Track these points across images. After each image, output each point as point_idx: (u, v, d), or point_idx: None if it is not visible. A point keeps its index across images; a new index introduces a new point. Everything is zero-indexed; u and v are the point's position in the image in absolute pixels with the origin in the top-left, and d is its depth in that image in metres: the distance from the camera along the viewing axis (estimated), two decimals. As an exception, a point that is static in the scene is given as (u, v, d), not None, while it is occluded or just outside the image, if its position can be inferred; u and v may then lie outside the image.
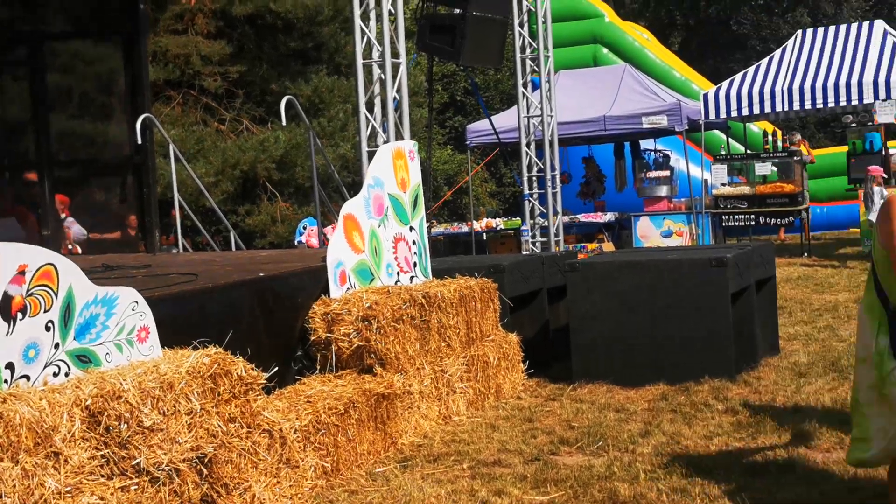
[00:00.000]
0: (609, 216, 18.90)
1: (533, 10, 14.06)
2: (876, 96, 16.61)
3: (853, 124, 18.05)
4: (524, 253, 13.88)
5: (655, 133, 19.34)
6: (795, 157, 18.02)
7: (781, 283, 12.52)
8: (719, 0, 38.56)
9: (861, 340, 4.72)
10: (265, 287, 6.89)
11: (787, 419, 6.99)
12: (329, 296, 7.23)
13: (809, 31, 18.83)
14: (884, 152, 17.34)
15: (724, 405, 7.48)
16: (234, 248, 13.99)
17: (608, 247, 17.74)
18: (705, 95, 18.43)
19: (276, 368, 6.12)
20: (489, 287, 8.32)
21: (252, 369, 5.37)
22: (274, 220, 18.93)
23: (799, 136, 19.87)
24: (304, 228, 16.28)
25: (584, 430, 7.07)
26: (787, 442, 6.46)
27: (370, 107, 9.99)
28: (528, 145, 14.24)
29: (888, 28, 18.04)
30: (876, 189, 15.01)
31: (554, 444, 6.82)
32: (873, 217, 14.52)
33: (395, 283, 8.03)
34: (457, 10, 11.49)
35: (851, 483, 5.59)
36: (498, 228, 19.58)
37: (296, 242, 16.66)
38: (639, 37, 24.38)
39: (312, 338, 7.00)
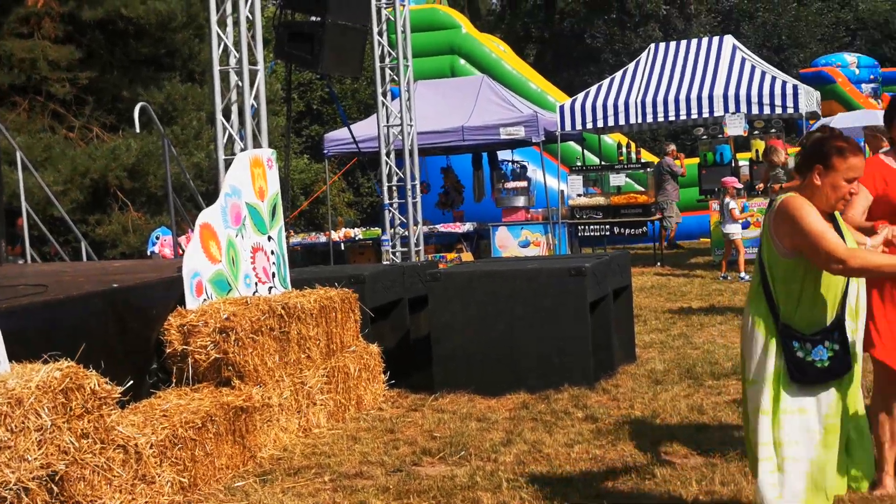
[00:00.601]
0: (468, 226, 18.98)
1: (392, 19, 14.03)
2: (726, 109, 17.08)
3: (704, 136, 18.55)
4: (385, 263, 13.82)
5: (513, 144, 19.53)
6: (648, 169, 18.39)
7: (636, 293, 12.74)
8: (573, 13, 39.26)
9: (750, 360, 4.42)
10: (118, 298, 6.67)
11: (646, 426, 7.09)
12: (185, 307, 7.04)
13: (662, 45, 19.28)
14: (734, 164, 17.84)
15: (583, 413, 7.54)
16: (85, 258, 13.56)
17: (467, 257, 17.80)
18: (561, 107, 18.68)
19: (131, 382, 5.91)
20: (350, 297, 8.23)
21: (106, 383, 5.17)
22: (126, 230, 18.40)
23: (673, 147, 20.30)
24: (157, 238, 15.88)
25: (446, 440, 7.04)
26: (646, 448, 6.54)
27: (227, 114, 9.79)
28: (387, 155, 14.20)
29: (737, 43, 18.59)
30: (728, 200, 15.38)
31: (416, 455, 6.76)
32: (730, 228, 14.87)
33: (254, 293, 7.87)
34: (315, 18, 11.35)
35: (709, 489, 5.67)
36: (356, 238, 19.48)
37: (149, 252, 16.25)
38: (495, 48, 24.60)
39: (168, 350, 6.81)
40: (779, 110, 16.99)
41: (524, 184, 18.66)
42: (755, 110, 17.11)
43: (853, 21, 44.80)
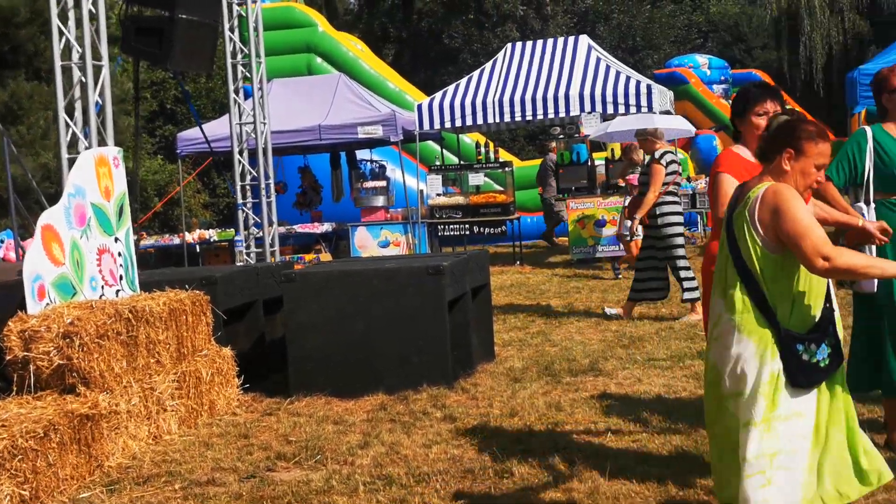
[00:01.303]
0: (326, 227, 18.78)
1: (244, 15, 13.74)
2: (582, 109, 17.23)
3: (561, 136, 18.70)
4: (238, 264, 13.52)
5: (371, 143, 19.40)
6: (507, 168, 18.47)
7: (496, 291, 12.75)
8: (431, 14, 39.32)
9: (735, 371, 4.08)
10: (-48, 304, 6.32)
11: (505, 424, 7.04)
12: (26, 312, 6.72)
13: (518, 45, 19.36)
14: (590, 163, 18.04)
15: (442, 413, 7.45)
16: (-78, 263, 12.93)
17: (325, 257, 17.61)
18: (419, 106, 18.62)
19: (-36, 392, 5.60)
20: (201, 300, 7.98)
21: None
22: (-31, 234, 17.66)
23: (554, 144, 20.40)
24: (2, 242, 15.27)
25: (301, 443, 6.87)
26: (504, 447, 6.48)
27: (70, 112, 9.42)
28: (241, 153, 13.90)
29: (592, 43, 18.79)
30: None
31: (270, 460, 6.59)
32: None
33: (100, 297, 7.57)
34: (164, 13, 11.02)
35: (566, 486, 5.64)
36: (212, 240, 19.08)
37: (-7, 257, 15.61)
38: (353, 47, 24.43)
39: (8, 357, 6.50)
40: (633, 109, 17.21)
41: (383, 183, 18.54)
42: (610, 110, 17.30)
43: (705, 23, 46.04)
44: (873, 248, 5.51)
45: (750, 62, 43.85)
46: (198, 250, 18.79)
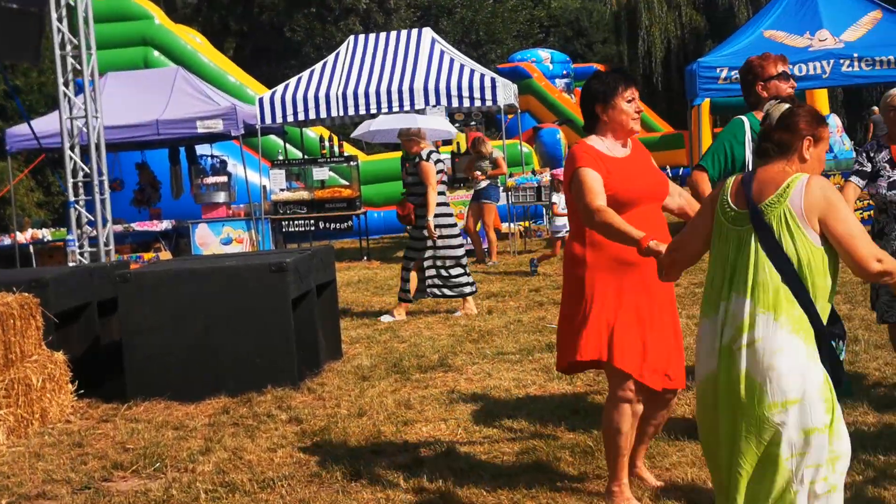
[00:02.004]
0: (166, 224, 18.22)
1: (73, 5, 13.16)
2: (426, 102, 17.12)
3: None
4: (71, 265, 12.96)
5: (211, 138, 18.89)
6: (352, 162, 18.24)
7: (343, 287, 12.52)
8: (272, 7, 38.75)
9: (790, 376, 3.67)
10: None
11: (353, 424, 6.84)
12: None
13: (361, 38, 19.12)
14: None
15: (287, 415, 7.21)
16: None
17: (165, 256, 17.08)
18: (261, 100, 18.22)
19: None
20: (30, 303, 7.54)
21: None
22: None
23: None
24: None
25: (139, 451, 6.54)
26: (353, 449, 6.29)
27: None
28: (72, 149, 13.32)
29: (436, 36, 18.69)
30: (554, 195, 15.05)
31: (107, 470, 6.25)
32: (558, 224, 14.57)
33: (-83, 302, 7.07)
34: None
35: (417, 487, 5.49)
36: (45, 240, 18.33)
37: None
38: (191, 40, 23.82)
39: None
40: (478, 103, 17.21)
41: (224, 179, 18.10)
42: (455, 103, 17.26)
43: (546, 18, 46.62)
44: None
45: (591, 56, 44.62)
46: (31, 251, 18.02)
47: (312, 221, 17.72)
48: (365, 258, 17.63)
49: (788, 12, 15.39)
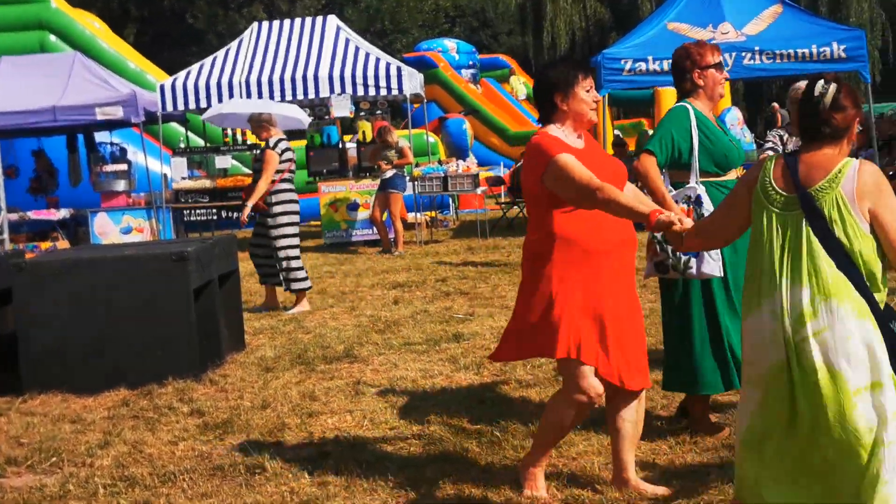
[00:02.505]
0: (63, 213, 17.77)
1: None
2: (332, 90, 16.95)
3: (311, 118, 18.33)
4: (-35, 254, 12.55)
5: (111, 125, 18.44)
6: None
7: (246, 277, 12.33)
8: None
9: (869, 360, 3.60)
10: None
11: (257, 416, 6.71)
12: None
13: (265, 24, 18.85)
14: (341, 145, 17.77)
15: (189, 407, 7.05)
16: None
17: (63, 245, 16.66)
18: (162, 86, 17.86)
19: None
20: (-82, 293, 7.27)
21: None
22: None
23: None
24: None
25: (35, 446, 6.34)
26: (256, 441, 6.16)
27: None
28: (-34, 136, 12.92)
29: (341, 24, 18.50)
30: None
31: (0, 466, 6.03)
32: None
33: None
34: None
35: (321, 480, 5.39)
36: (-62, 229, 17.77)
37: None
38: (90, 25, 23.25)
39: None
40: (384, 92, 17.09)
41: (124, 167, 17.69)
42: (361, 92, 17.12)
43: (452, 8, 46.60)
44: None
45: (496, 47, 44.72)
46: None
47: (215, 210, 17.46)
48: (269, 248, 17.40)
49: (692, 5, 15.50)
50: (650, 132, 23.81)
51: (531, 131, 30.74)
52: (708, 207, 5.38)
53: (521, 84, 33.70)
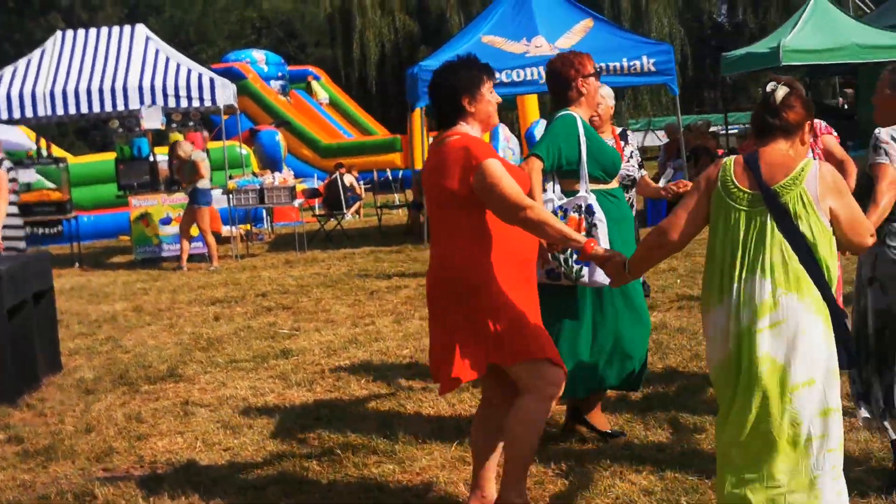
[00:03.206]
0: None
1: None
2: (141, 102, 16.43)
3: (120, 130, 17.75)
4: None
5: None
6: (61, 164, 17.32)
7: (56, 295, 11.81)
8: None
9: (808, 357, 3.69)
10: None
11: (81, 442, 6.40)
12: None
13: (70, 33, 18.10)
14: (152, 158, 17.29)
15: (6, 433, 6.70)
16: None
17: None
18: (-44, 97, 16.98)
19: None
20: None
21: None
22: None
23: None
24: None
25: None
26: (82, 467, 5.89)
27: None
28: None
29: (150, 34, 17.94)
30: None
31: None
32: None
33: None
34: None
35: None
36: None
37: None
38: None
39: None
40: (196, 103, 16.68)
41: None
42: (172, 103, 16.64)
43: (258, 19, 46.11)
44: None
45: (304, 58, 44.40)
46: None
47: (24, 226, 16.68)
48: (77, 264, 16.76)
49: (505, 18, 15.72)
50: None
51: (343, 143, 30.83)
52: (600, 217, 5.39)
53: (321, 89, 33.58)
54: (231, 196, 16.43)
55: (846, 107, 23.52)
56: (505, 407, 4.63)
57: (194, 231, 15.51)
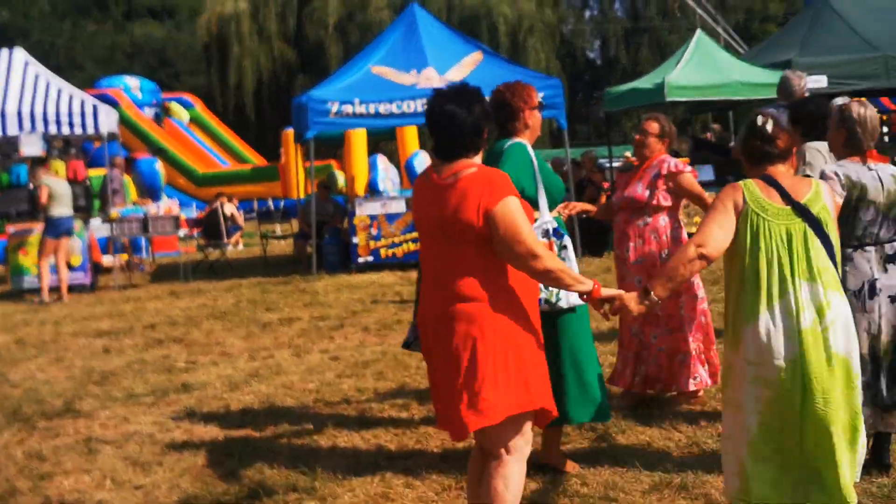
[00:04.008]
0: None
1: None
2: (20, 127, 15.91)
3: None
4: None
5: None
6: None
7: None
8: None
9: (858, 347, 4.31)
10: None
11: (-18, 482, 6.13)
12: None
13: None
14: (32, 186, 16.76)
15: None
16: None
17: None
18: None
19: None
20: None
21: None
22: None
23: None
24: None
25: None
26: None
27: None
28: None
29: (30, 58, 17.41)
30: None
31: None
32: None
33: None
34: None
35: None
36: None
37: None
38: None
39: None
40: (78, 130, 16.24)
41: None
42: (53, 129, 16.14)
43: (129, 46, 45.33)
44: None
45: (178, 86, 43.78)
46: None
47: None
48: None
49: (395, 50, 15.75)
50: (338, 174, 23.95)
51: (220, 172, 30.42)
52: (568, 240, 5.43)
53: (181, 108, 33.19)
54: (114, 225, 16.03)
55: (713, 141, 24.16)
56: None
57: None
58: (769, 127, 4.38)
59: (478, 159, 4.37)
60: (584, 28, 51.51)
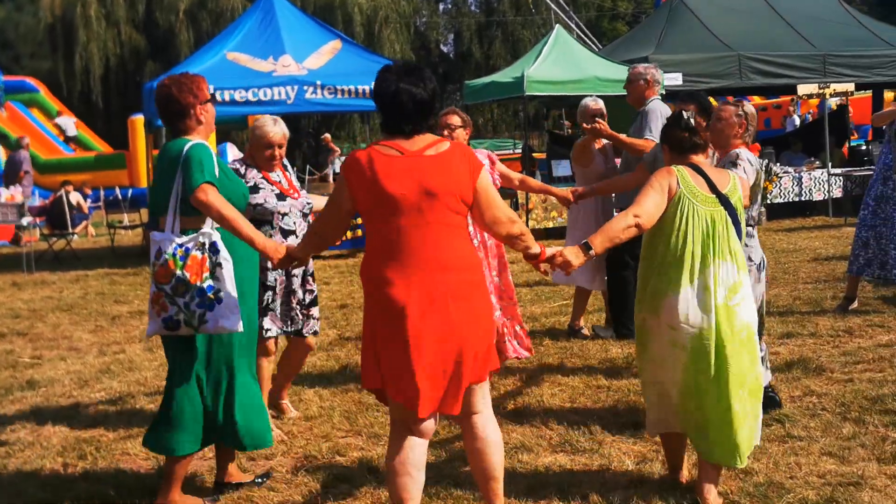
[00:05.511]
0: None
1: None
2: None
3: None
4: None
5: None
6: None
7: None
8: None
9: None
10: None
11: None
12: None
13: None
14: None
15: None
16: None
17: None
18: None
19: None
20: None
21: None
22: None
23: None
24: None
25: None
26: None
27: None
28: None
29: None
30: None
31: None
32: None
33: None
34: None
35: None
36: None
37: None
38: None
39: None
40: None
41: None
42: None
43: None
44: None
45: (18, 70, 42.11)
46: None
47: None
48: None
49: (251, 36, 15.37)
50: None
51: (64, 159, 29.42)
52: (225, 256, 4.80)
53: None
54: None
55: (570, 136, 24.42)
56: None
57: None
58: (692, 120, 4.92)
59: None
60: (439, 21, 51.54)
